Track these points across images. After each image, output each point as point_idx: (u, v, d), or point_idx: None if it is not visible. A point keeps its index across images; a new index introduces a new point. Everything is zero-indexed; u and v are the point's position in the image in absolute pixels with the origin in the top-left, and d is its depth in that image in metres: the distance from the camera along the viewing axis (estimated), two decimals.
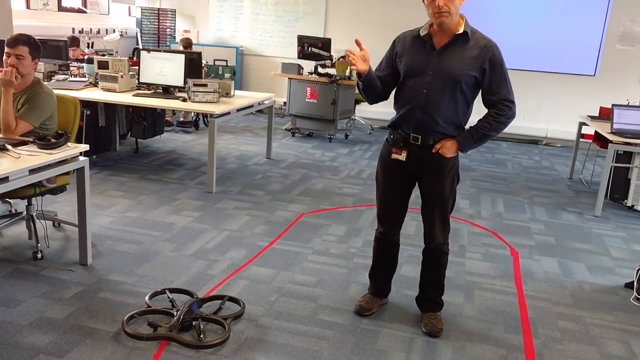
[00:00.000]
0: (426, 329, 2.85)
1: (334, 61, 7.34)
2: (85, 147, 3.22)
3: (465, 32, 2.57)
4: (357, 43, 2.63)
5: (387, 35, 2.81)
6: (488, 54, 2.56)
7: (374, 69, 2.73)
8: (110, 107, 5.58)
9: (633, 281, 3.50)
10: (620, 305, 3.31)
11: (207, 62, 6.58)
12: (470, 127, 2.69)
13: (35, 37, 3.46)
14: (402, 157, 2.70)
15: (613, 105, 5.16)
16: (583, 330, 3.01)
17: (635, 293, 3.42)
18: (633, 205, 5.09)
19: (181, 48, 7.59)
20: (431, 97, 2.60)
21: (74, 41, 6.88)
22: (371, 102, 2.85)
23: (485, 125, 2.62)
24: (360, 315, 2.98)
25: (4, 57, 3.31)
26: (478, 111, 2.73)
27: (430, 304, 2.95)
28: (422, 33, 2.64)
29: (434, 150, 2.65)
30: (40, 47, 3.41)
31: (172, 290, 3.03)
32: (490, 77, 2.58)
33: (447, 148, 2.64)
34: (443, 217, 2.78)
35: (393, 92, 2.80)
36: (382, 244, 3.00)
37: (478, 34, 2.63)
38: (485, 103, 2.66)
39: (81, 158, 3.18)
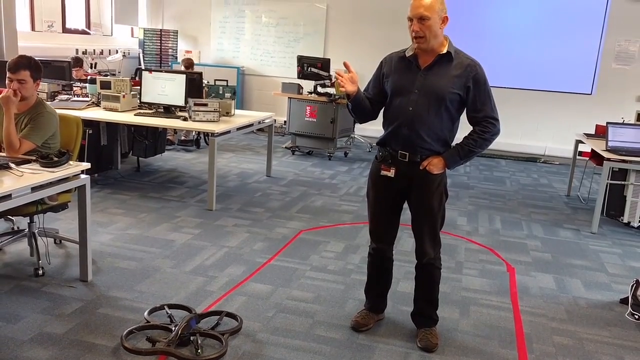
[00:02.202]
0: (421, 344, 2.88)
1: (333, 81, 7.44)
2: (86, 165, 3.29)
3: (448, 52, 2.65)
4: (346, 66, 2.73)
5: (384, 54, 2.90)
6: (472, 72, 2.64)
7: (362, 89, 2.82)
8: (112, 126, 5.66)
9: (628, 297, 3.53)
10: (615, 321, 3.33)
11: (207, 82, 6.69)
12: (457, 144, 2.76)
13: (39, 58, 3.54)
14: (391, 173, 2.78)
15: (608, 123, 5.23)
16: (578, 345, 3.03)
17: (630, 309, 3.45)
18: (629, 222, 5.12)
19: (183, 68, 7.71)
20: (417, 114, 2.67)
21: (77, 62, 7.00)
22: (361, 122, 2.95)
23: (471, 142, 2.70)
24: (356, 330, 3.01)
25: (7, 81, 3.37)
26: (462, 129, 2.81)
27: (425, 320, 2.98)
28: (408, 54, 2.73)
29: (421, 167, 2.72)
30: (42, 68, 3.49)
31: (171, 306, 3.07)
32: (474, 95, 2.66)
33: (434, 165, 2.71)
34: (433, 232, 2.84)
35: (382, 111, 2.89)
36: (375, 260, 3.05)
37: (462, 54, 2.70)
38: (470, 120, 2.74)
39: (82, 176, 3.24)
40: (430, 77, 2.66)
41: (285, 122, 7.94)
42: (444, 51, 2.65)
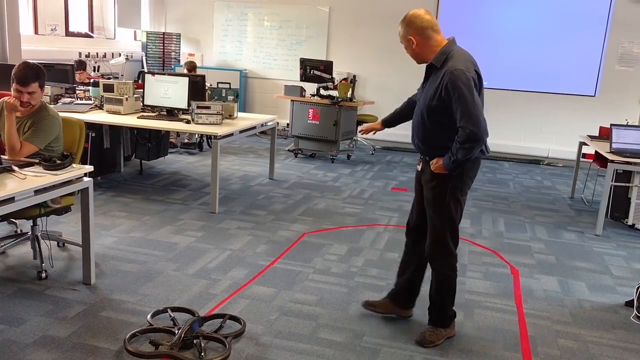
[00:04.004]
0: (416, 337, 2.96)
1: (335, 83, 7.45)
2: (89, 168, 3.29)
3: (432, 64, 2.73)
4: (365, 133, 3.35)
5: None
6: (444, 81, 2.61)
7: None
8: (115, 129, 5.67)
9: (633, 299, 3.51)
10: (620, 324, 3.32)
11: (210, 84, 6.69)
12: None
13: (43, 62, 3.54)
14: (419, 167, 2.99)
15: (612, 125, 5.21)
16: (583, 348, 3.01)
17: (635, 311, 3.43)
18: (634, 224, 5.10)
19: (185, 71, 7.71)
20: (415, 127, 2.89)
21: (81, 65, 7.01)
22: None
23: (452, 149, 2.67)
24: (364, 307, 3.17)
25: (14, 92, 3.36)
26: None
27: (431, 318, 3.01)
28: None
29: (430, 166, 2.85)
30: (45, 73, 3.49)
31: (174, 309, 3.07)
32: (449, 102, 2.63)
33: (434, 163, 2.80)
34: (433, 230, 2.88)
35: None
36: (405, 246, 3.17)
37: (451, 61, 2.64)
38: None
39: (85, 179, 3.24)
40: (425, 90, 2.80)
41: (288, 124, 7.95)
42: (429, 63, 2.75)
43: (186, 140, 7.63)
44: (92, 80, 6.00)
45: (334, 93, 7.37)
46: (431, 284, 2.99)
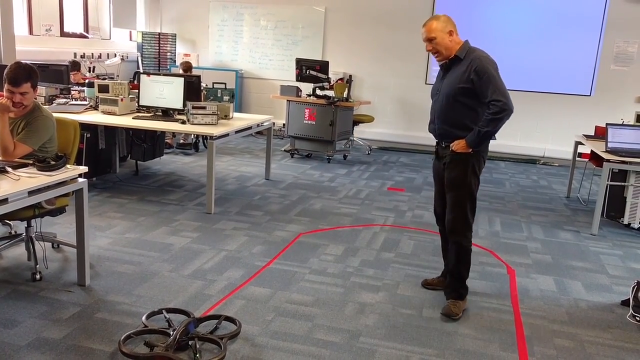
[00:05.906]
0: (443, 311, 3.21)
1: (331, 83, 7.44)
2: (84, 169, 3.27)
3: (456, 56, 3.12)
4: None
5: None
6: (473, 66, 3.05)
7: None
8: (110, 130, 5.65)
9: (629, 299, 3.51)
10: (616, 323, 3.32)
11: (206, 85, 6.68)
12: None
13: (37, 62, 3.52)
14: (436, 156, 3.39)
15: (607, 124, 5.22)
16: (579, 347, 3.01)
17: (631, 310, 3.43)
18: (629, 223, 5.11)
19: (181, 71, 7.69)
20: (438, 111, 3.23)
21: (75, 65, 6.98)
22: None
23: (481, 123, 3.05)
24: (422, 286, 3.57)
25: (6, 92, 3.34)
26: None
27: (450, 291, 3.31)
28: (440, 63, 3.23)
29: (450, 148, 3.19)
30: (38, 74, 3.47)
31: (169, 310, 3.05)
32: (478, 84, 3.04)
33: (456, 144, 3.15)
34: (456, 206, 3.21)
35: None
36: (440, 232, 3.55)
37: (474, 53, 3.09)
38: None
39: (80, 180, 3.23)
40: (445, 80, 3.18)
41: (284, 125, 7.94)
42: (453, 55, 3.12)
43: (182, 141, 7.62)
44: (87, 81, 5.98)
45: (330, 93, 7.37)
46: (450, 261, 3.31)
